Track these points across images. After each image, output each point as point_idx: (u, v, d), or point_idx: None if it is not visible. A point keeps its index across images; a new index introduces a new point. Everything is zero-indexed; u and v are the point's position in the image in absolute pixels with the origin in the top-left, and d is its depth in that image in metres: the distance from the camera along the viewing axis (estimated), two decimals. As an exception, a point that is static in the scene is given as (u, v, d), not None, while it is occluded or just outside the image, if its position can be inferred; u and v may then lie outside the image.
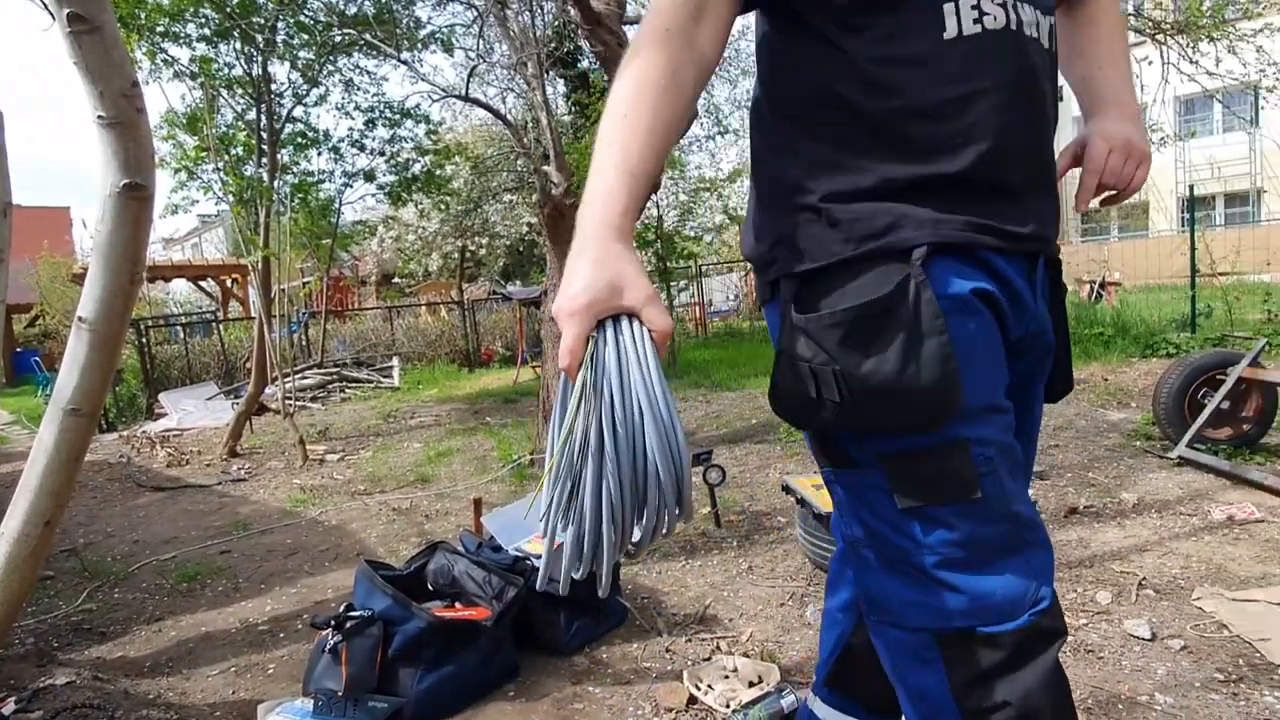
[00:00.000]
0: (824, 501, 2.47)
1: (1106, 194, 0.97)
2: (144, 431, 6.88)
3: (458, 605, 2.11)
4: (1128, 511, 2.97)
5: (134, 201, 1.85)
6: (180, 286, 20.10)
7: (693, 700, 1.83)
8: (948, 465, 0.80)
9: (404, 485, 4.40)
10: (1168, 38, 7.28)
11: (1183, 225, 16.81)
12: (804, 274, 0.84)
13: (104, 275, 1.83)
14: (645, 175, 0.75)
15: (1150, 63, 7.65)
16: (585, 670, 2.05)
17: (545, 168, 4.39)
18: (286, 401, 5.61)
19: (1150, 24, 7.04)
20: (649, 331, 0.71)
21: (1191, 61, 7.38)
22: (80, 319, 1.84)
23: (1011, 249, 0.84)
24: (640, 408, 0.69)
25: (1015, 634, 0.80)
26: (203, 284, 16.06)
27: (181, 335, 10.68)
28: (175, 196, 7.53)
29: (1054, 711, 0.81)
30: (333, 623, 1.85)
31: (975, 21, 0.79)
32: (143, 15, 5.91)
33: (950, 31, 0.79)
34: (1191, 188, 7.97)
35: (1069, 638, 2.00)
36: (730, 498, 3.51)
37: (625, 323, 0.71)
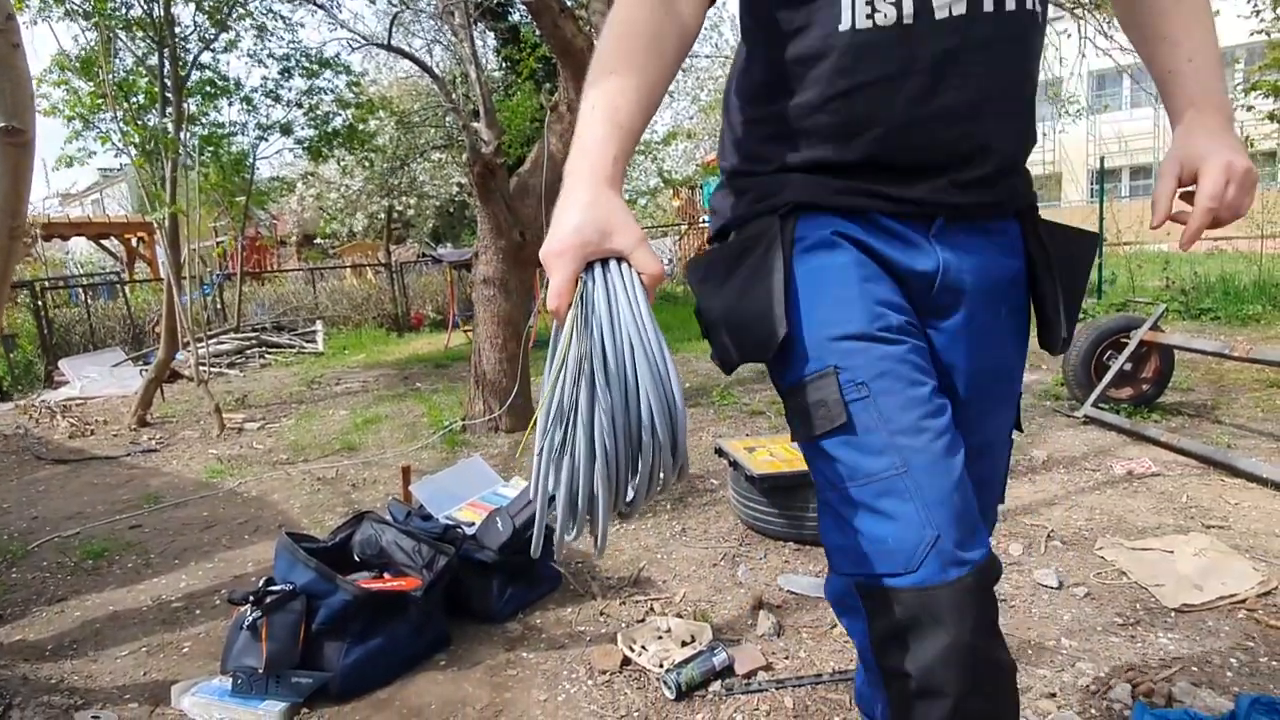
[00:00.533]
0: (755, 464, 2.51)
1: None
2: (43, 401, 6.42)
3: (386, 576, 2.05)
4: (1038, 468, 3.13)
5: (12, 148, 1.68)
6: (80, 246, 18.74)
7: (626, 662, 1.85)
8: (818, 395, 0.82)
9: (329, 454, 4.26)
10: (1085, 13, 7.53)
11: (1092, 196, 17.66)
12: (716, 232, 0.96)
13: (-22, 230, 1.66)
14: (632, 130, 0.76)
15: (1069, 36, 7.93)
16: (519, 637, 2.04)
17: (475, 124, 4.24)
18: (201, 368, 5.32)
19: (1069, 0, 7.26)
20: (639, 275, 0.71)
21: (1106, 36, 7.67)
22: (-48, 278, 1.67)
23: (895, 210, 0.87)
24: (631, 346, 0.68)
25: (916, 592, 0.75)
26: (105, 243, 15.01)
27: (83, 298, 9.96)
28: (70, 147, 6.98)
29: (962, 700, 0.74)
30: (251, 598, 1.78)
31: (867, 17, 0.81)
32: (23, -56, 5.35)
33: (845, 24, 0.82)
34: (1102, 160, 8.36)
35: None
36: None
37: (615, 265, 0.71)
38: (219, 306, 10.52)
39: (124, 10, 6.16)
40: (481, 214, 4.36)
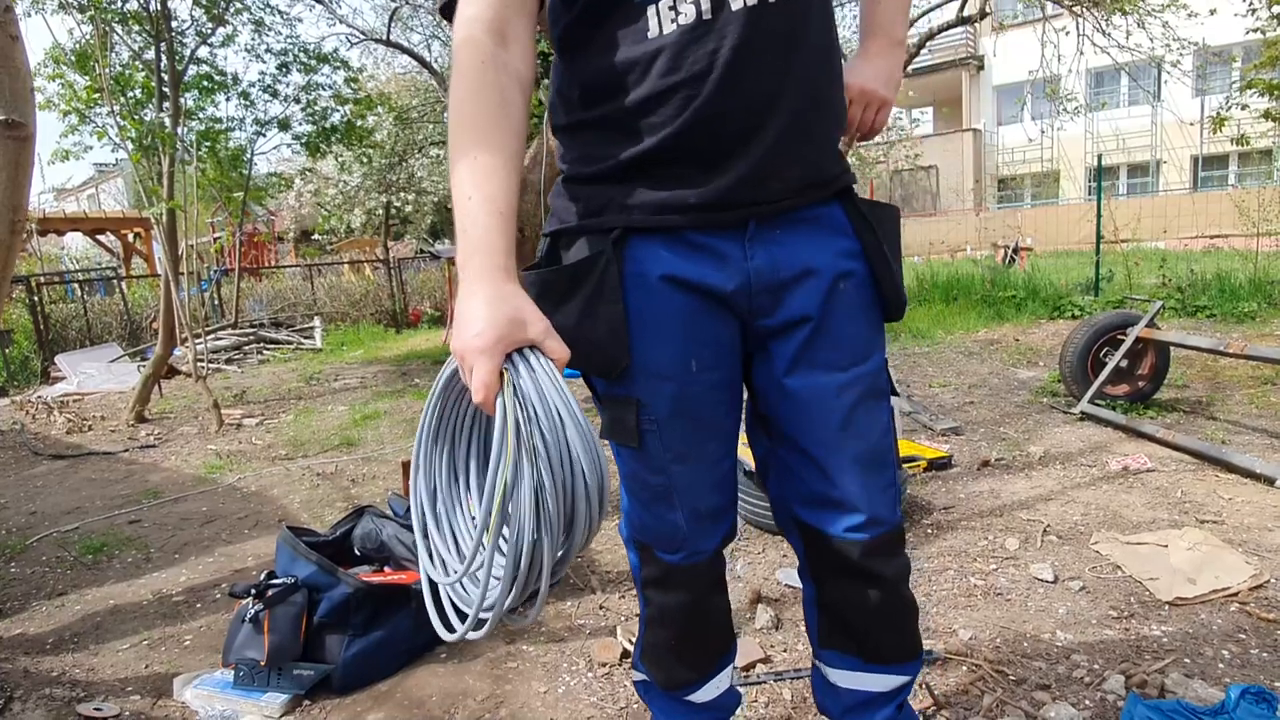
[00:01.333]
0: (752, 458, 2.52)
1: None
2: (39, 396, 6.42)
3: (387, 570, 2.06)
4: (1034, 464, 3.15)
5: (12, 141, 1.68)
6: (76, 241, 18.67)
7: (626, 654, 1.86)
8: (620, 415, 0.99)
9: (328, 449, 4.26)
10: (1084, 9, 7.54)
11: (1090, 194, 17.70)
12: (549, 234, 1.00)
13: (-20, 224, 1.66)
14: (510, 212, 0.82)
15: (1067, 33, 7.93)
16: (519, 629, 2.05)
17: (473, 120, 4.24)
18: (199, 364, 5.32)
19: (1067, -3, 7.27)
20: (551, 360, 0.78)
21: (1104, 34, 7.68)
22: (-46, 272, 1.68)
23: (708, 223, 0.91)
24: (563, 420, 0.75)
25: (669, 566, 1.07)
26: (101, 238, 14.97)
27: (79, 293, 9.94)
28: (65, 141, 6.96)
29: (677, 627, 1.13)
30: (253, 591, 1.79)
31: (672, 22, 0.85)
32: (19, -63, 5.32)
33: (653, 33, 0.86)
34: (1100, 158, 8.38)
35: (979, 582, 2.12)
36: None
37: (530, 353, 0.77)
38: (216, 303, 10.51)
39: (120, 3, 6.14)
40: (480, 210, 4.36)
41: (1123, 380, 3.83)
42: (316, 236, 17.17)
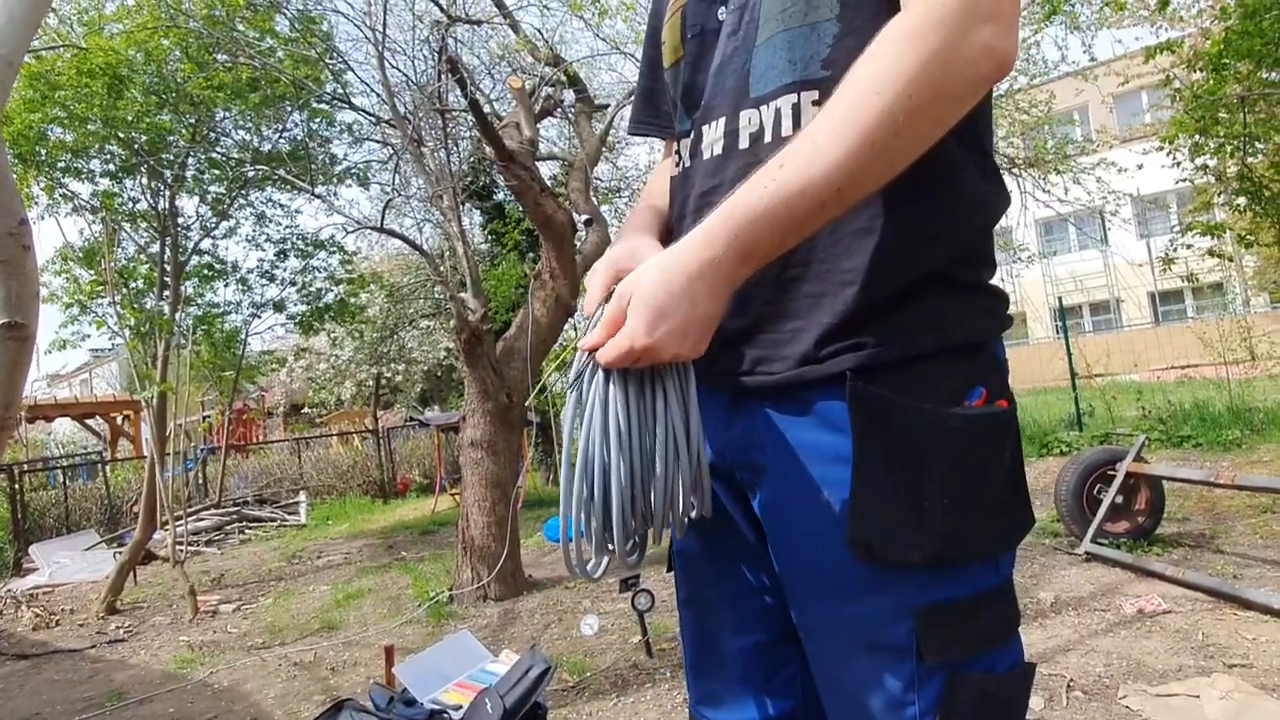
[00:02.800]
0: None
1: None
2: (8, 590, 6.12)
3: (366, 773, 1.89)
4: (1047, 611, 3.03)
5: (12, 342, 1.73)
6: (64, 426, 18.64)
7: None
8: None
9: (307, 635, 4.03)
10: (1022, 170, 8.25)
11: (1057, 332, 18.38)
12: None
13: (-30, 422, 1.67)
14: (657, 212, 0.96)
15: (1010, 193, 8.61)
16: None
17: (462, 294, 4.44)
18: (178, 547, 5.14)
19: (1005, 159, 7.97)
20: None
21: (1044, 190, 8.34)
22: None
23: (705, 379, 0.82)
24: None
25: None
26: (90, 422, 14.96)
27: (61, 479, 9.77)
28: (65, 331, 7.16)
29: None
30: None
31: (676, 164, 0.90)
32: (44, 152, 5.80)
33: (675, 170, 0.91)
34: (1060, 299, 8.80)
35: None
36: (662, 623, 3.38)
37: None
38: (200, 482, 10.34)
39: (131, 204, 6.57)
40: (469, 378, 4.45)
41: (1121, 517, 3.78)
42: (306, 410, 17.26)
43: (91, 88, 5.46)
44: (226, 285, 7.69)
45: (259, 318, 8.08)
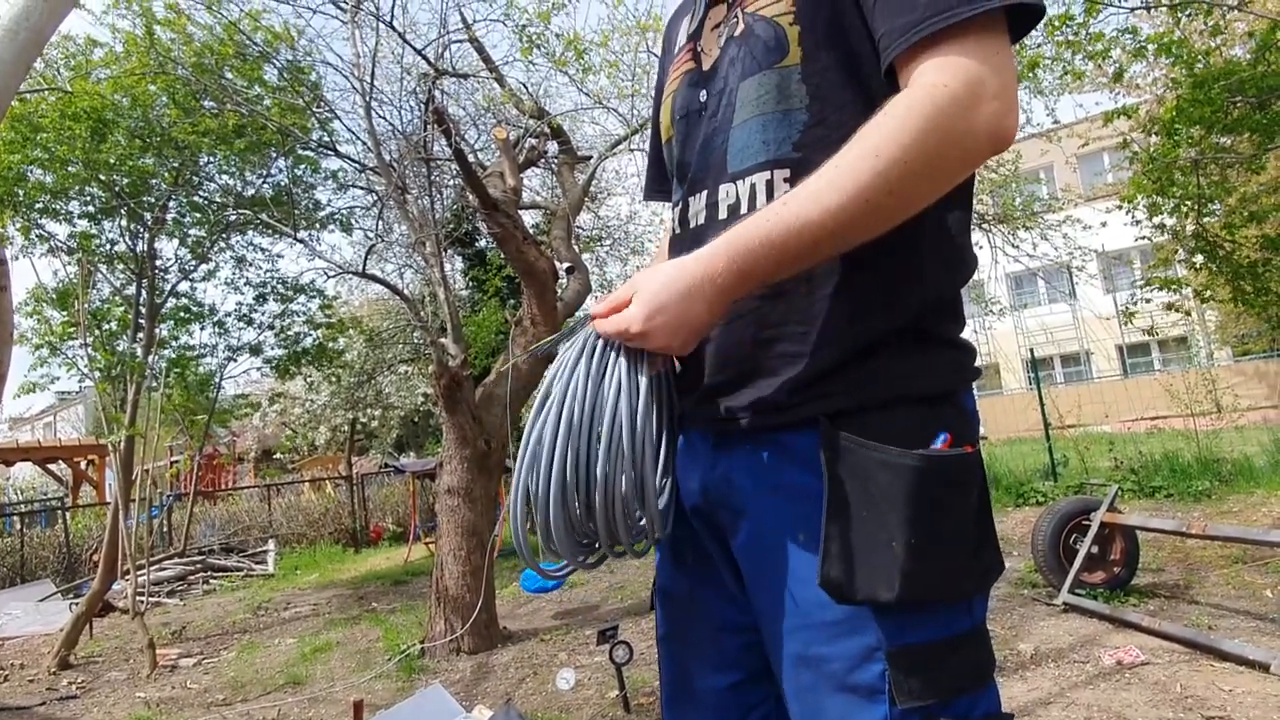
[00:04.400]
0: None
1: None
2: (-48, 645, 5.83)
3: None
4: (1027, 663, 3.02)
5: (-17, 383, 1.70)
6: (24, 471, 18.07)
7: None
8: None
9: (271, 690, 3.88)
10: (991, 226, 8.51)
11: (1030, 384, 18.69)
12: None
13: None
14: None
15: (981, 247, 8.88)
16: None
17: (442, 340, 4.43)
18: (138, 598, 4.96)
19: (976, 215, 8.24)
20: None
21: (1014, 245, 8.60)
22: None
23: (695, 425, 0.92)
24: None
25: None
26: (52, 467, 14.53)
27: (18, 526, 9.43)
28: (33, 374, 7.00)
29: None
30: None
31: (674, 230, 0.97)
32: (21, 194, 5.76)
33: (674, 235, 0.98)
34: (1032, 350, 8.99)
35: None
36: (640, 677, 3.30)
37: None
38: (165, 529, 10.03)
39: (109, 246, 6.52)
40: (447, 424, 4.41)
41: (1098, 567, 3.80)
42: (278, 456, 16.92)
43: (74, 130, 5.47)
44: (203, 328, 7.59)
45: (235, 361, 7.96)
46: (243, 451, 17.60)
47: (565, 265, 5.06)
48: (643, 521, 0.83)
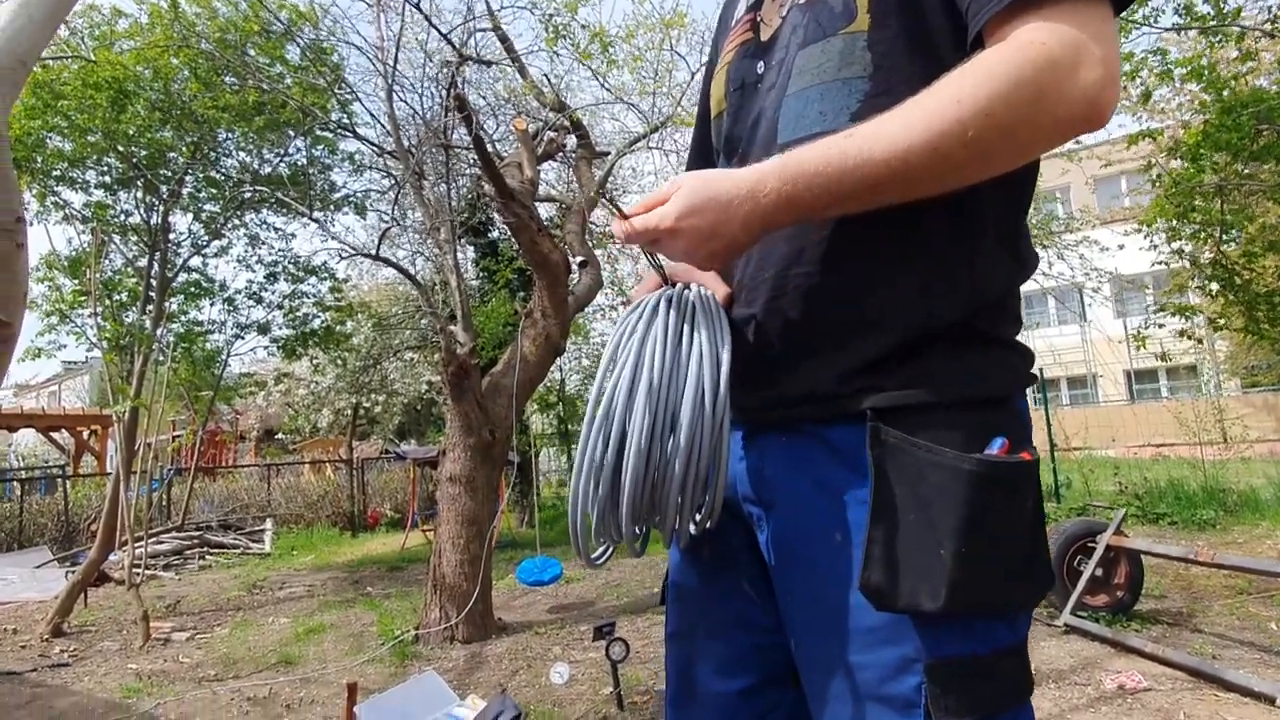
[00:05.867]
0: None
1: None
2: (-53, 607, 5.84)
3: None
4: (1027, 683, 2.98)
5: (-6, 341, 1.68)
6: (27, 438, 18.15)
7: None
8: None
9: (263, 669, 3.87)
10: (1008, 243, 8.44)
11: (1037, 403, 18.61)
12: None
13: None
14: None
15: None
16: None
17: (452, 327, 4.41)
18: (134, 570, 4.95)
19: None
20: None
21: (1029, 263, 8.51)
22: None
23: (739, 417, 0.85)
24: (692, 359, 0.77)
25: None
26: (55, 435, 14.58)
27: (18, 492, 9.45)
28: (40, 340, 7.02)
29: None
30: None
31: None
32: (40, 160, 5.77)
33: None
34: (1041, 371, 8.93)
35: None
36: (635, 675, 3.28)
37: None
38: (164, 503, 10.05)
39: (123, 217, 6.53)
40: (452, 412, 4.40)
41: (1101, 590, 3.76)
42: (280, 436, 16.95)
43: (95, 99, 5.47)
44: (213, 304, 7.59)
45: (242, 339, 7.97)
46: (245, 430, 17.62)
47: (578, 259, 5.03)
48: (700, 503, 0.78)
